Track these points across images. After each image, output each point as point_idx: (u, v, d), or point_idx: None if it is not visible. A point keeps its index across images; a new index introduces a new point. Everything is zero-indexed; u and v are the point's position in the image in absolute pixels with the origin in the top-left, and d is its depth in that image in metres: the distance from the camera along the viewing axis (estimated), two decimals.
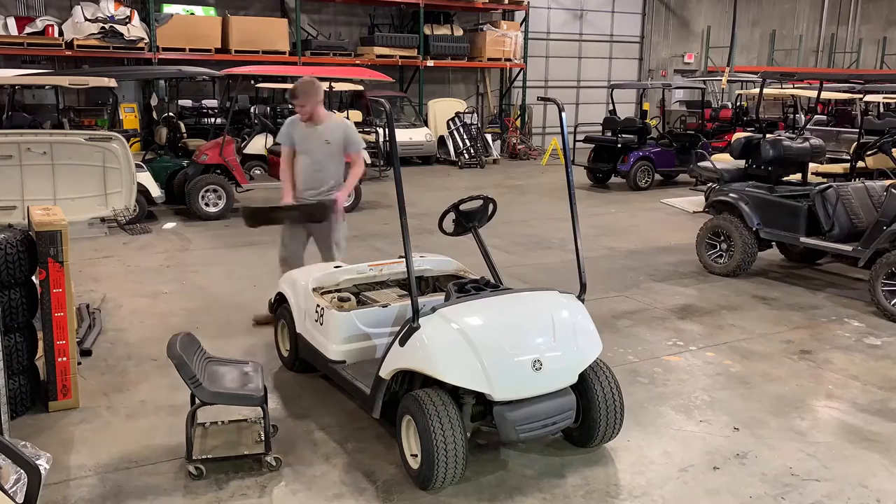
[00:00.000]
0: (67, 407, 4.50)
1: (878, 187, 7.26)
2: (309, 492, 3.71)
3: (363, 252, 8.49)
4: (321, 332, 4.61)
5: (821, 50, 27.21)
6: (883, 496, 3.76)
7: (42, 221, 4.34)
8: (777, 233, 7.50)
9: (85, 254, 8.31)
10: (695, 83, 18.32)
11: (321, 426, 4.39)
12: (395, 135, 3.75)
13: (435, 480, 3.59)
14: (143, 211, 9.87)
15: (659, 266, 8.29)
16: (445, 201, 4.67)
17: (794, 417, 4.61)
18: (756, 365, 5.46)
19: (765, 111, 17.03)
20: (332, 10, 18.46)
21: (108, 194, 6.33)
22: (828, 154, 10.32)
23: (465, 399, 3.75)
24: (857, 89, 15.35)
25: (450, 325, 3.70)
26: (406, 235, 3.66)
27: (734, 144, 8.38)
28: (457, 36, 18.91)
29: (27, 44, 14.32)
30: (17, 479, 2.83)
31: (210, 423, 4.14)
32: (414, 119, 17.74)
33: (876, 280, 6.53)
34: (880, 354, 5.72)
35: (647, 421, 4.50)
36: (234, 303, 6.70)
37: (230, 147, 10.57)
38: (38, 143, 6.15)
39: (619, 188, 13.99)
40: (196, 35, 15.59)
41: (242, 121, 15.07)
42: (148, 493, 3.67)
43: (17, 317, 4.36)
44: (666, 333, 6.10)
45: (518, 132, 19.65)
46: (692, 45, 24.03)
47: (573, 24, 21.89)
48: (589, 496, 3.71)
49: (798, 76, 16.47)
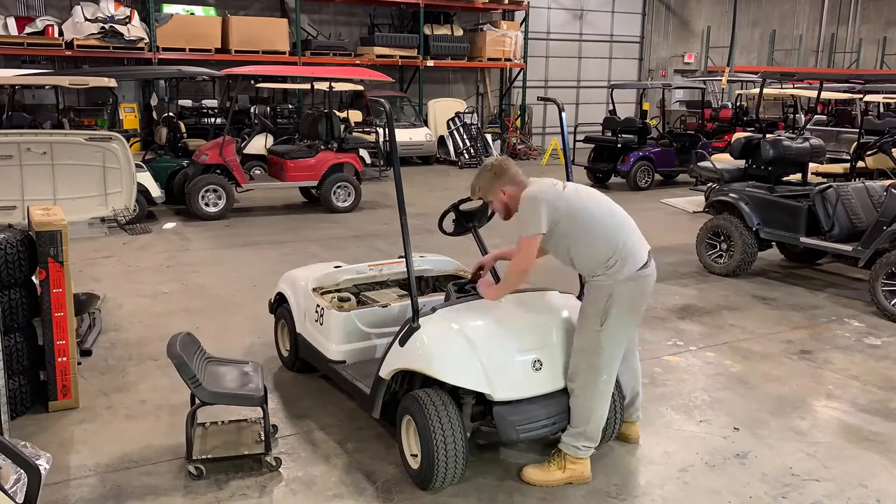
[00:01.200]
0: (67, 407, 4.50)
1: (878, 187, 7.25)
2: (309, 492, 3.71)
3: (363, 252, 8.49)
4: (321, 332, 4.61)
5: (821, 50, 27.21)
6: (883, 496, 3.76)
7: (42, 221, 4.34)
8: (777, 233, 7.49)
9: (85, 254, 8.30)
10: (695, 83, 18.33)
11: (321, 426, 4.38)
12: (395, 135, 3.74)
13: (435, 480, 3.59)
14: (143, 211, 9.86)
15: (659, 266, 8.23)
16: (445, 201, 4.67)
17: (794, 417, 4.61)
18: (756, 365, 5.45)
19: (765, 111, 17.03)
20: (332, 10, 18.46)
21: (108, 194, 6.33)
22: (828, 154, 10.31)
23: (465, 399, 3.75)
24: (857, 89, 15.34)
25: (450, 325, 3.70)
26: (406, 235, 3.66)
27: (734, 144, 8.38)
28: (457, 36, 18.91)
29: (27, 44, 14.32)
30: (17, 479, 2.83)
31: (210, 423, 4.14)
32: (414, 119, 17.74)
33: (876, 280, 6.53)
34: (880, 354, 5.72)
35: (647, 421, 4.50)
36: (235, 303, 6.70)
37: (230, 147, 10.57)
38: (38, 143, 6.15)
39: (619, 188, 13.98)
40: (196, 35, 15.60)
41: (242, 121, 15.07)
42: (148, 493, 3.67)
43: (17, 317, 4.36)
44: (666, 333, 6.10)
45: (518, 132, 19.65)
46: (692, 45, 24.03)
47: (573, 24, 21.89)
48: (589, 496, 3.71)
49: (798, 76, 16.46)
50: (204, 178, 10.44)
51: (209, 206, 10.47)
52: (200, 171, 10.51)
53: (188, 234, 9.58)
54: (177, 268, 7.91)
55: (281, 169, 11.11)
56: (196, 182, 10.40)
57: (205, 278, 7.51)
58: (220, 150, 10.40)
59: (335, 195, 11.23)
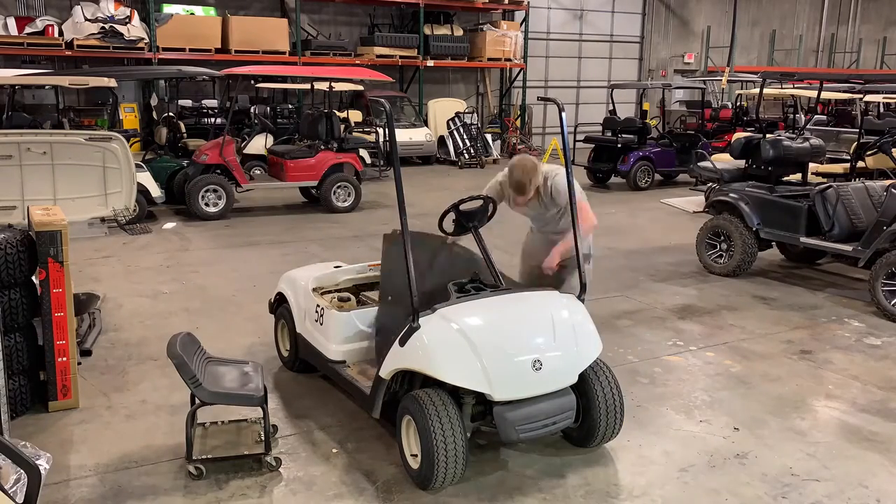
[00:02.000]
0: (67, 407, 4.50)
1: (878, 187, 7.26)
2: (309, 492, 3.71)
3: (363, 252, 8.49)
4: (321, 332, 4.61)
5: (821, 50, 27.21)
6: (883, 496, 3.76)
7: (42, 221, 4.34)
8: (777, 233, 7.50)
9: (85, 254, 8.30)
10: (695, 83, 18.33)
11: (321, 426, 4.39)
12: (395, 135, 3.74)
13: (435, 480, 3.59)
14: (143, 211, 9.86)
15: (659, 266, 8.29)
16: (445, 201, 4.67)
17: (794, 417, 4.61)
18: (756, 365, 5.45)
19: (765, 111, 17.02)
20: (332, 10, 18.46)
21: (108, 194, 6.33)
22: (828, 154, 10.31)
23: (465, 399, 3.75)
24: (857, 89, 15.34)
25: (450, 325, 3.70)
26: (406, 235, 3.65)
27: (734, 144, 8.38)
28: (457, 36, 18.90)
29: (27, 44, 14.31)
30: (17, 479, 2.83)
31: (210, 422, 4.14)
32: (414, 119, 17.73)
33: (876, 280, 6.53)
34: (880, 354, 5.72)
35: (647, 421, 4.50)
36: (235, 303, 6.70)
37: (230, 147, 10.57)
38: (38, 143, 6.15)
39: (619, 188, 13.98)
40: (196, 35, 15.59)
41: (242, 121, 15.07)
42: (148, 493, 3.67)
43: (17, 317, 4.36)
44: (666, 333, 6.10)
45: (518, 132, 19.65)
46: (692, 45, 24.03)
47: (573, 24, 21.88)
48: (589, 496, 3.71)
49: (798, 76, 16.44)
50: (204, 178, 10.44)
51: (209, 206, 10.47)
52: (200, 171, 10.51)
53: (188, 234, 9.58)
54: (177, 268, 7.91)
55: (281, 169, 11.11)
56: (196, 182, 10.40)
57: (205, 278, 7.51)
58: (220, 150, 10.40)
59: (335, 195, 11.23)
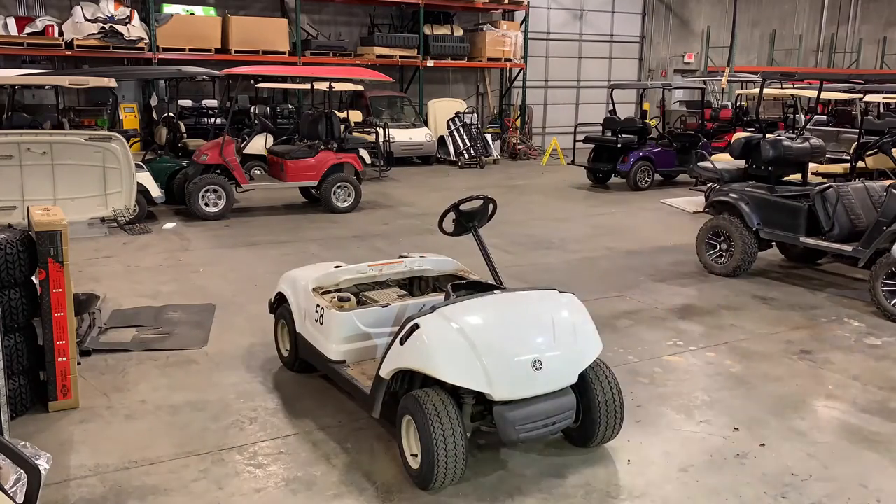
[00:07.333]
0: (67, 407, 4.50)
1: (878, 187, 7.26)
2: (309, 492, 3.71)
3: (363, 252, 8.49)
4: (321, 332, 4.61)
5: (821, 50, 27.20)
6: (883, 496, 3.76)
7: (42, 221, 4.34)
8: (777, 233, 7.50)
9: (85, 254, 8.30)
10: (695, 83, 18.31)
11: (321, 426, 4.39)
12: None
13: (435, 480, 3.59)
14: (143, 211, 9.86)
15: (659, 266, 8.29)
16: (445, 201, 4.67)
17: (794, 417, 4.61)
18: (756, 365, 5.46)
19: (765, 111, 17.03)
20: (332, 10, 18.45)
21: (108, 194, 6.34)
22: (828, 154, 10.31)
23: (465, 399, 3.75)
24: (857, 89, 15.34)
25: (450, 324, 3.70)
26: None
27: (734, 144, 8.38)
28: (457, 36, 18.91)
29: (27, 44, 14.31)
30: (17, 479, 2.83)
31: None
32: (414, 119, 17.73)
33: (876, 280, 6.53)
34: (880, 354, 5.72)
35: (647, 421, 4.50)
36: (235, 303, 6.69)
37: (230, 147, 10.57)
38: (38, 143, 6.16)
39: (619, 188, 13.98)
40: (196, 35, 15.60)
41: (242, 121, 15.07)
42: (148, 493, 3.67)
43: (17, 317, 4.36)
44: (666, 333, 6.10)
45: (518, 132, 19.65)
46: (692, 45, 24.03)
47: (573, 24, 21.89)
48: (589, 496, 3.71)
49: (798, 76, 16.42)
50: (204, 178, 10.44)
51: (209, 206, 10.47)
52: (200, 171, 10.51)
53: (188, 234, 9.58)
54: (177, 268, 7.91)
55: (281, 169, 11.11)
56: (196, 182, 10.40)
57: (205, 278, 7.51)
58: (220, 150, 10.40)
59: (335, 195, 11.23)
